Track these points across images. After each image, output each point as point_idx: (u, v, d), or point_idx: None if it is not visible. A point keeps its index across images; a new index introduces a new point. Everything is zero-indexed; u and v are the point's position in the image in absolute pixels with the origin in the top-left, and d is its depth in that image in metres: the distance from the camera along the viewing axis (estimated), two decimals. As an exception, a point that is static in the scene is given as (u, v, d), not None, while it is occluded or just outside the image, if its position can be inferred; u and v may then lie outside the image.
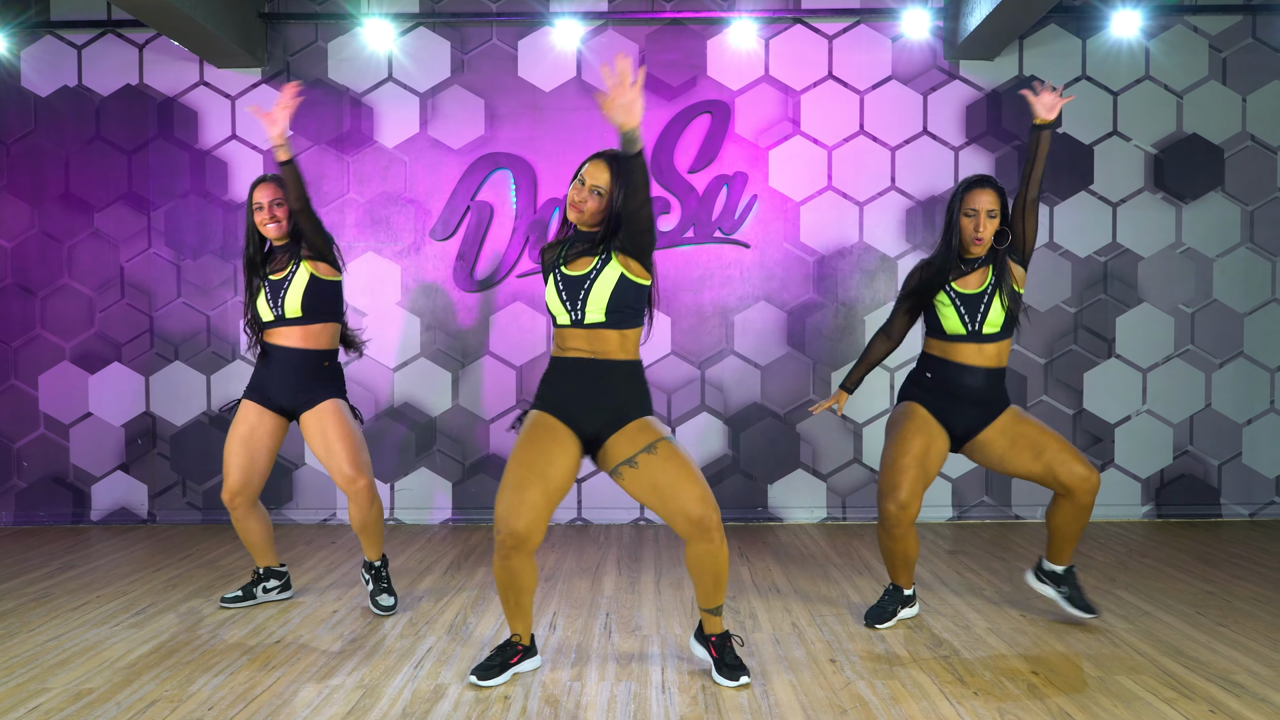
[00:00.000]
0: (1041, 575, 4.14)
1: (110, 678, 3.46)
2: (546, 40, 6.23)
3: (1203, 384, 6.26)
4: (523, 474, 3.27)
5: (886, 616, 4.03)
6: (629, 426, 3.37)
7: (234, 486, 4.25)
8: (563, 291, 3.36)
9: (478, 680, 3.37)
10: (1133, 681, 3.35)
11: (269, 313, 4.24)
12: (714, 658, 3.42)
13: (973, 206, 3.89)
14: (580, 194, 3.35)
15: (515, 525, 3.23)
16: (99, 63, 6.31)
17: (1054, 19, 6.16)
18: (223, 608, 4.33)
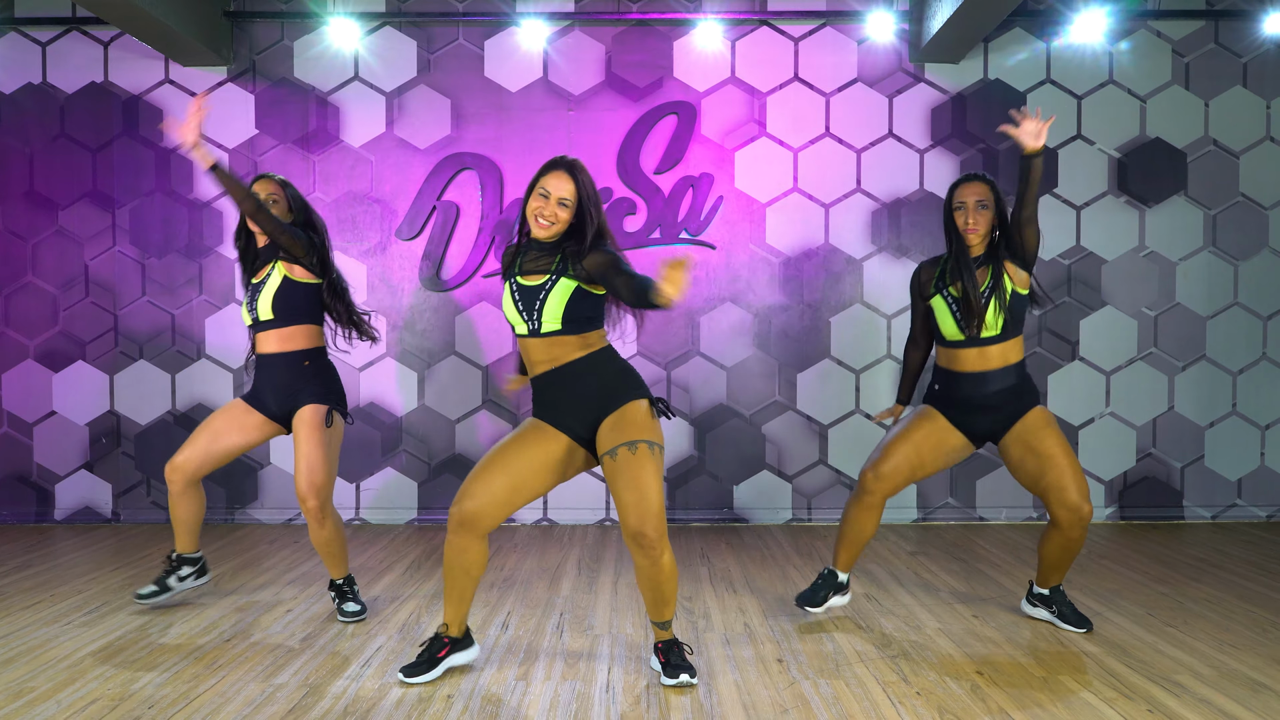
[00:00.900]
0: (1033, 600, 4.15)
1: (53, 676, 3.45)
2: (513, 40, 6.23)
3: (1165, 387, 6.29)
4: (491, 460, 3.34)
5: (818, 601, 4.05)
6: (617, 413, 3.34)
7: (177, 461, 4.20)
8: (519, 301, 3.37)
9: (404, 677, 3.38)
10: (1075, 681, 3.37)
11: (247, 317, 4.23)
12: (661, 662, 3.43)
13: (960, 200, 3.93)
14: (547, 207, 3.32)
15: (465, 504, 3.31)
16: (63, 60, 6.29)
17: (1018, 22, 6.19)
18: (138, 602, 4.24)
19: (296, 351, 4.21)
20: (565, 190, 3.33)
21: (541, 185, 3.35)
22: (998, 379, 3.93)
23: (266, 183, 4.25)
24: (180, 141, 3.81)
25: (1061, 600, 4.05)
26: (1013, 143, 6.19)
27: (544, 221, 3.34)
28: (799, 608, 4.06)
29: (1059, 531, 3.88)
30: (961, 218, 3.92)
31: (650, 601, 3.41)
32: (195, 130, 3.88)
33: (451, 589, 3.45)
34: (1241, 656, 3.64)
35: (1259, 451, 6.31)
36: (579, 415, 3.37)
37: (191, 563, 4.40)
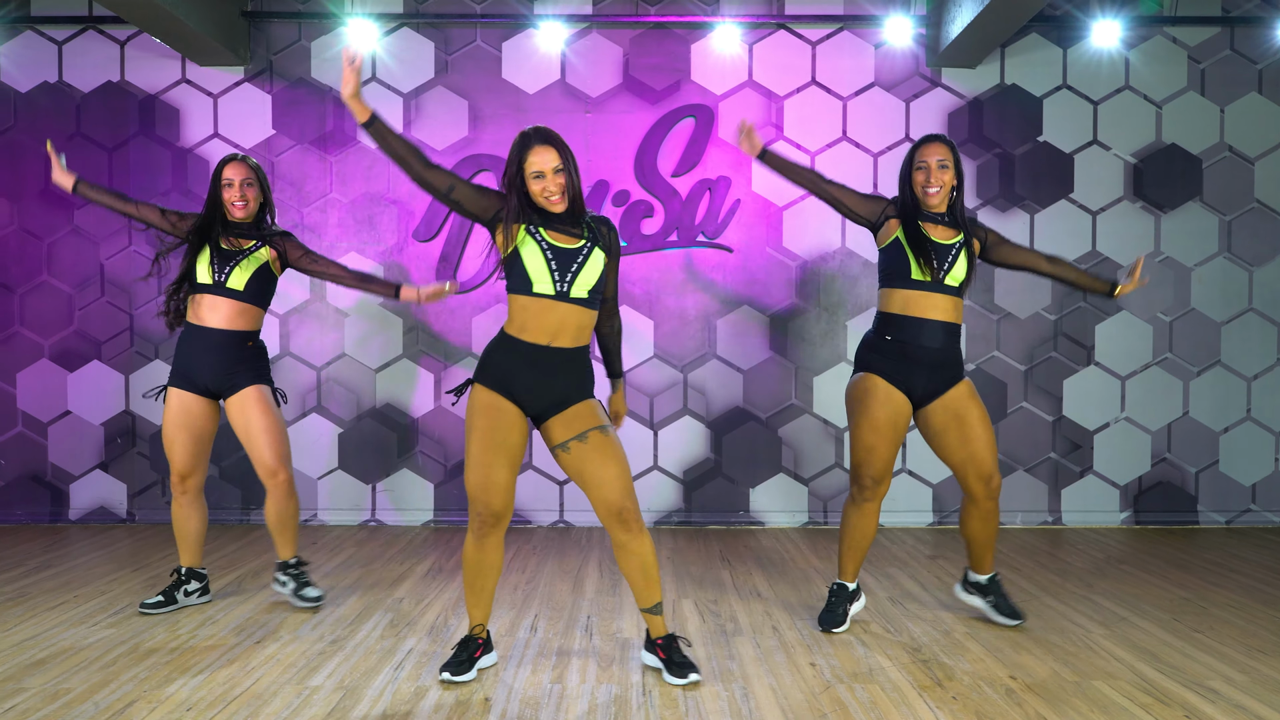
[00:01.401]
0: (968, 587, 4.20)
1: (88, 678, 3.44)
2: (530, 42, 6.23)
3: (1180, 392, 6.32)
4: (487, 456, 3.33)
5: (839, 620, 4.02)
6: (568, 410, 3.41)
7: (183, 469, 4.22)
8: (552, 260, 3.33)
9: (451, 676, 3.39)
10: (1109, 687, 3.38)
11: (208, 277, 4.18)
12: (662, 659, 3.45)
13: (923, 159, 3.94)
14: (551, 183, 3.30)
15: (492, 503, 3.33)
16: (80, 59, 6.28)
17: (1035, 28, 6.21)
18: (143, 614, 4.21)
19: (243, 331, 4.27)
20: (554, 161, 3.31)
21: (533, 168, 3.30)
22: (947, 333, 3.94)
23: (241, 166, 4.24)
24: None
25: (998, 590, 4.13)
26: (1030, 146, 6.22)
27: (556, 197, 3.33)
28: (824, 631, 4.00)
29: (975, 505, 4.02)
30: (922, 176, 3.92)
31: (640, 585, 3.44)
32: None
33: (482, 589, 3.48)
34: (1271, 662, 3.65)
35: (1273, 457, 6.34)
36: (536, 399, 3.39)
37: (198, 577, 4.41)
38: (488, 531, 3.37)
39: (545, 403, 3.41)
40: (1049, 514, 6.30)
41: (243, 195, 4.23)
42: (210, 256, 4.21)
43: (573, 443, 3.37)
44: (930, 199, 3.93)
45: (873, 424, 3.94)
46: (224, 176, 4.23)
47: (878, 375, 3.97)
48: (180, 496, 4.28)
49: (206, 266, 4.20)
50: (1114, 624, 4.12)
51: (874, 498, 4.00)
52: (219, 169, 4.25)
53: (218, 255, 4.21)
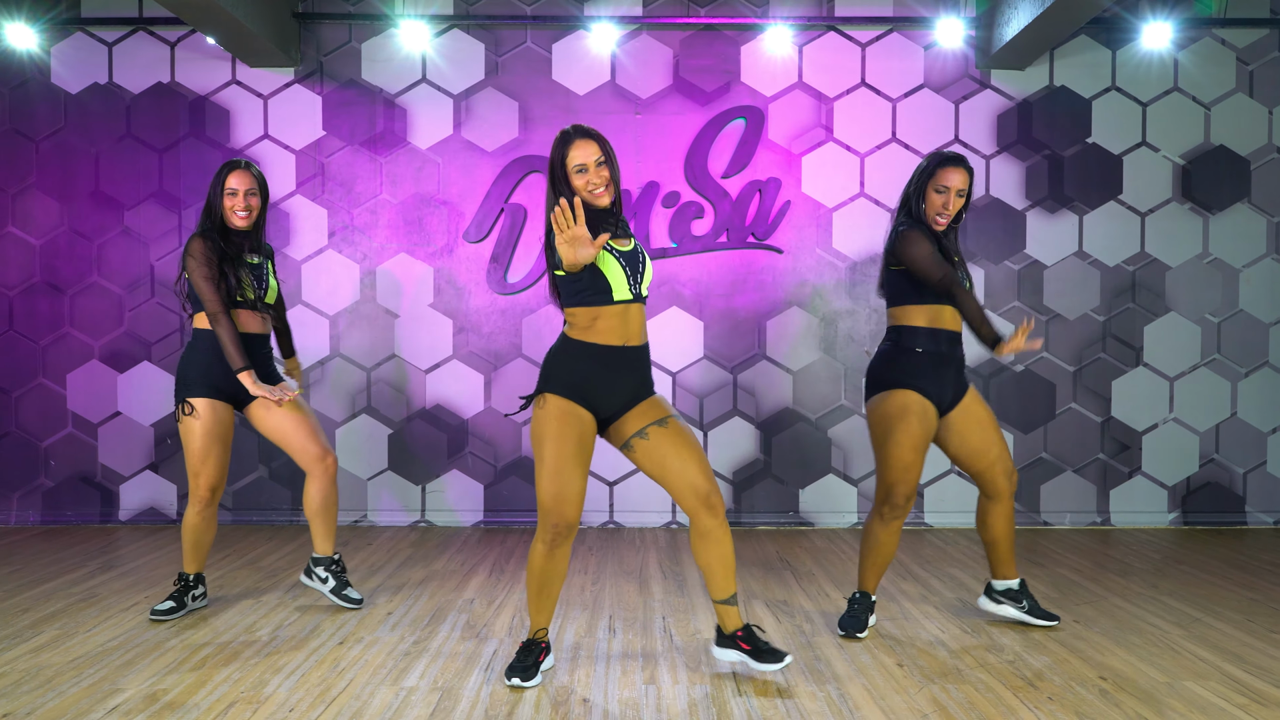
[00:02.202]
0: (996, 597, 4.16)
1: (181, 679, 3.45)
2: (581, 44, 6.24)
3: (1228, 393, 6.33)
4: (563, 464, 3.30)
5: (863, 626, 3.99)
6: (639, 405, 3.44)
7: (214, 482, 4.19)
8: (626, 266, 3.35)
9: (521, 681, 3.38)
10: (1201, 688, 3.39)
11: (251, 293, 4.20)
12: (746, 650, 3.43)
13: (944, 183, 3.87)
14: (595, 175, 3.30)
15: (568, 514, 3.31)
16: (130, 60, 6.28)
17: (1085, 30, 6.22)
18: (154, 621, 4.15)
19: (267, 335, 4.35)
20: (595, 153, 3.32)
21: (575, 161, 3.30)
22: (960, 339, 3.99)
23: (245, 175, 4.19)
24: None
25: (1028, 594, 4.11)
26: (1079, 148, 6.24)
27: (600, 190, 3.33)
28: (844, 634, 3.97)
29: (999, 504, 4.04)
30: (941, 200, 3.87)
31: (719, 575, 3.42)
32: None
33: (549, 596, 3.46)
34: (1355, 662, 3.67)
35: (1321, 457, 6.36)
36: (610, 401, 3.40)
37: (202, 582, 4.39)
38: (561, 542, 3.35)
39: (619, 403, 3.41)
40: (1097, 514, 6.31)
41: (246, 204, 4.18)
42: (248, 274, 4.21)
43: (651, 428, 3.38)
44: (940, 224, 3.90)
45: (913, 442, 3.88)
46: (228, 185, 4.16)
47: (913, 391, 3.91)
48: (205, 509, 4.22)
49: (246, 282, 4.20)
50: (1189, 624, 4.14)
51: (903, 515, 3.98)
52: (222, 175, 4.17)
53: (251, 272, 4.22)
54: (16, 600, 4.48)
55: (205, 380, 4.19)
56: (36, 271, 6.27)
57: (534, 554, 3.40)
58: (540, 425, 3.36)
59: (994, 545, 4.11)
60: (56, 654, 3.71)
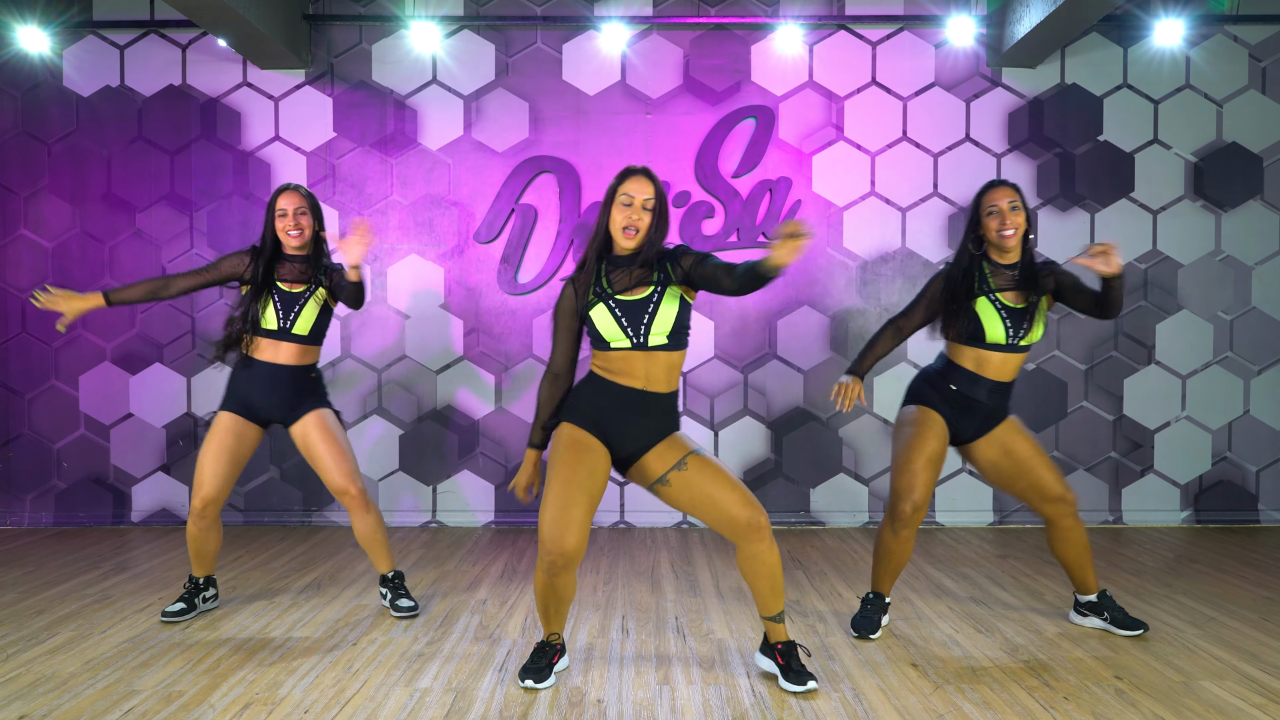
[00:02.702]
0: (1081, 610, 4.15)
1: (196, 680, 3.46)
2: (591, 44, 6.24)
3: (1241, 390, 6.31)
4: (568, 492, 3.26)
5: (875, 626, 3.98)
6: (657, 446, 3.41)
7: (209, 495, 4.14)
8: (621, 318, 3.33)
9: (534, 683, 3.38)
10: (1218, 687, 3.38)
11: (274, 323, 4.19)
12: (780, 664, 3.43)
13: (993, 204, 3.88)
14: (634, 213, 3.34)
15: (566, 545, 3.23)
16: (141, 63, 6.30)
17: (1096, 28, 6.20)
18: (165, 623, 4.16)
19: (308, 365, 4.31)
20: (648, 192, 3.35)
21: (624, 193, 3.35)
22: (1007, 391, 4.00)
23: (294, 195, 4.22)
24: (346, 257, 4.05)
25: (1111, 605, 4.06)
26: (1090, 146, 6.22)
27: (631, 230, 3.35)
28: (857, 635, 3.96)
29: (1054, 527, 4.00)
30: (996, 222, 3.87)
31: (767, 591, 3.39)
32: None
33: (557, 613, 3.44)
34: (1372, 662, 3.65)
35: (1335, 455, 6.34)
36: (626, 440, 3.39)
37: (213, 584, 4.40)
38: (559, 573, 3.29)
39: (637, 445, 3.40)
40: (1109, 513, 6.29)
41: (297, 224, 4.19)
42: (273, 301, 4.19)
43: (671, 474, 3.36)
44: (1007, 242, 3.86)
45: (925, 454, 3.92)
46: (278, 207, 4.20)
47: (935, 412, 3.99)
48: (199, 520, 4.18)
49: (272, 312, 4.19)
50: (1204, 623, 4.12)
51: (911, 525, 3.96)
52: (274, 198, 4.23)
53: (280, 299, 4.20)
54: (31, 602, 4.49)
55: (235, 396, 4.23)
56: (49, 274, 6.28)
57: (535, 580, 3.37)
58: (552, 453, 3.37)
59: (1063, 565, 4.09)
60: (72, 655, 3.72)
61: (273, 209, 4.22)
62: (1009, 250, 3.90)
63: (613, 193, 3.38)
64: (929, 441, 3.93)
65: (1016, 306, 3.89)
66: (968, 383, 3.96)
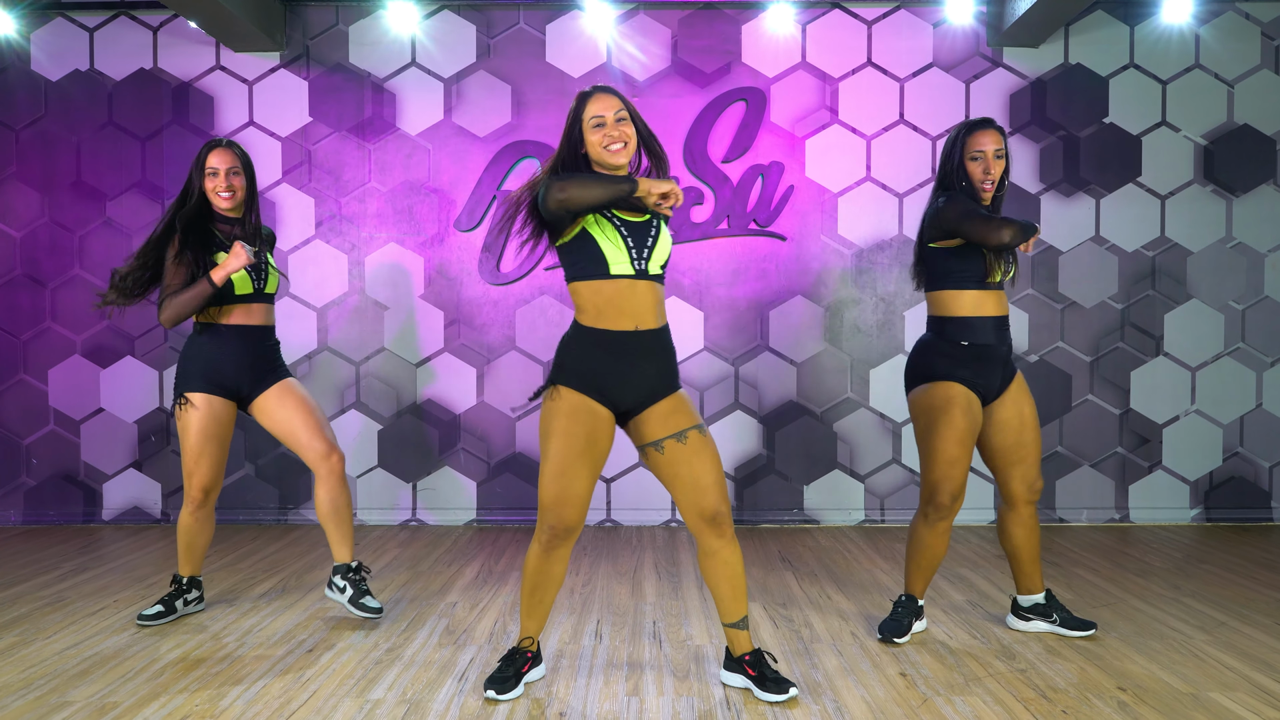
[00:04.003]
0: (1024, 614, 3.88)
1: (134, 690, 3.24)
2: (576, 25, 6.01)
3: (1253, 383, 6.05)
4: (569, 461, 3.05)
5: (903, 630, 3.75)
6: (661, 404, 3.16)
7: (208, 483, 3.94)
8: (628, 238, 3.08)
9: (496, 694, 3.15)
10: (1229, 699, 3.14)
11: (250, 286, 3.97)
12: (752, 676, 3.20)
13: (979, 148, 3.65)
14: (612, 129, 3.05)
15: (568, 516, 3.07)
16: (111, 46, 6.09)
17: (1102, 4, 5.95)
18: (141, 626, 3.94)
19: (271, 327, 4.12)
20: (616, 106, 3.09)
21: (592, 116, 3.07)
22: (1006, 326, 3.74)
23: (226, 153, 3.94)
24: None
25: (1058, 605, 3.83)
26: (1095, 128, 5.98)
27: (619, 144, 3.07)
28: (883, 639, 3.74)
29: (1016, 511, 3.77)
30: (979, 167, 3.65)
31: (729, 595, 3.18)
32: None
33: (541, 602, 3.23)
34: (1394, 671, 3.41)
35: (1352, 451, 6.08)
36: (637, 390, 3.14)
37: (198, 586, 4.18)
38: (558, 544, 3.11)
39: (638, 395, 3.14)
40: (1116, 511, 6.05)
41: (229, 184, 3.93)
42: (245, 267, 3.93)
43: (668, 442, 3.12)
44: (986, 189, 3.67)
45: (958, 436, 3.64)
46: (208, 165, 3.91)
47: (957, 383, 3.68)
48: (198, 510, 3.98)
49: (244, 275, 3.95)
50: (1214, 629, 3.88)
51: (950, 516, 3.70)
52: (202, 156, 3.93)
53: (251, 267, 3.98)
54: (-19, 605, 4.30)
55: (206, 375, 3.96)
56: (17, 264, 6.08)
57: (530, 555, 3.17)
58: (548, 419, 3.12)
59: (1013, 557, 3.84)
60: (9, 663, 3.52)
61: (202, 166, 3.92)
62: (986, 197, 3.70)
63: (577, 120, 3.10)
64: (956, 420, 3.63)
65: None
66: (975, 330, 3.67)
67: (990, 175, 3.65)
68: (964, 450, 3.65)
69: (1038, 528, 3.81)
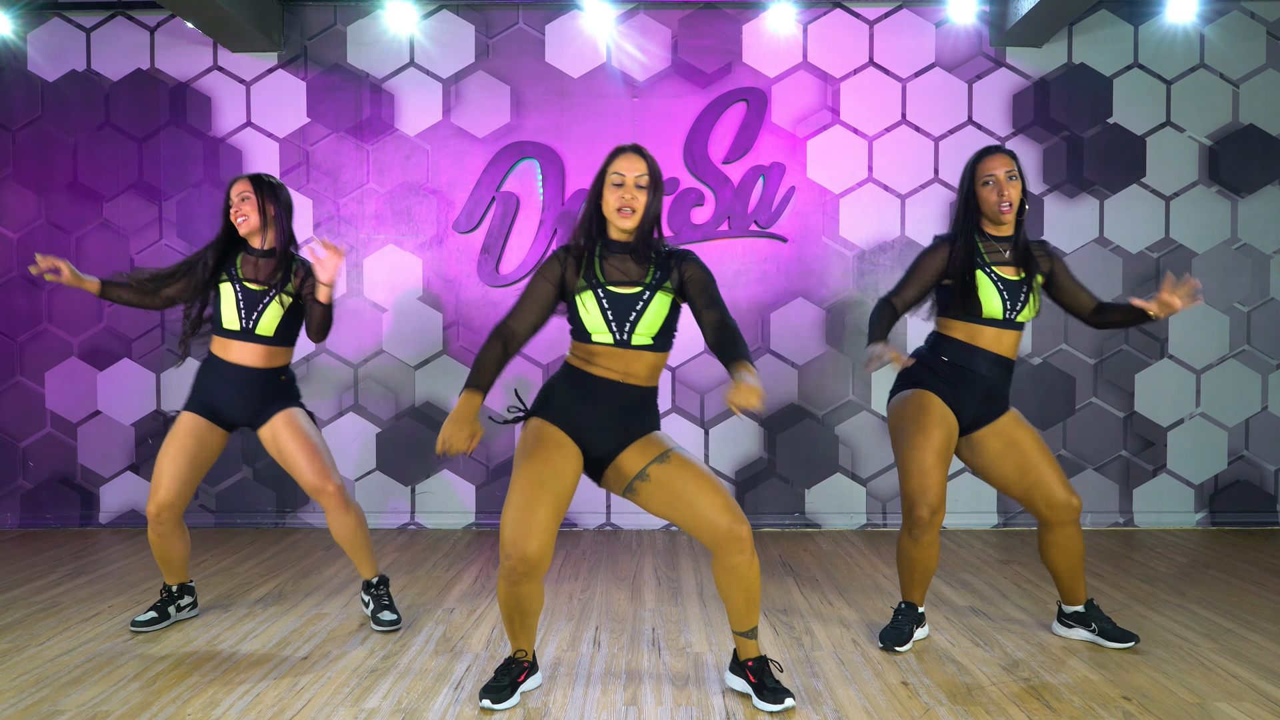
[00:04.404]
0: (1066, 620, 3.85)
1: (127, 698, 3.20)
2: (575, 25, 5.97)
3: (1259, 386, 6.00)
4: (533, 492, 2.99)
5: (905, 638, 3.72)
6: (636, 444, 3.15)
7: (165, 500, 3.86)
8: (609, 310, 3.08)
9: (491, 704, 3.10)
10: (1235, 709, 3.09)
11: (236, 323, 3.93)
12: (752, 683, 3.16)
13: (989, 173, 3.63)
14: (627, 193, 3.08)
15: (527, 549, 2.95)
16: (108, 46, 6.05)
17: (1106, 4, 5.91)
18: (135, 633, 3.91)
19: (277, 368, 4.04)
20: (640, 169, 3.09)
21: (614, 172, 3.10)
22: (1004, 368, 3.69)
23: (241, 182, 3.97)
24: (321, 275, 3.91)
25: (1099, 615, 3.77)
26: (1099, 129, 5.93)
27: (627, 210, 3.08)
28: (885, 648, 3.70)
29: (1050, 532, 3.69)
30: (993, 193, 3.62)
31: (742, 606, 3.14)
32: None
33: (524, 625, 3.17)
34: (1404, 680, 3.36)
35: (1358, 454, 6.02)
36: (602, 438, 3.13)
37: (189, 591, 4.14)
38: (519, 580, 3.01)
39: (612, 443, 3.13)
40: (1120, 515, 6.00)
41: (240, 210, 3.93)
42: (235, 298, 3.92)
43: (652, 467, 3.09)
44: (1004, 216, 3.63)
45: (931, 444, 3.61)
46: (230, 195, 3.98)
47: (932, 392, 3.68)
48: (156, 527, 3.90)
49: (233, 310, 3.92)
50: (1220, 636, 3.83)
51: (932, 529, 3.66)
52: (227, 188, 4.01)
53: (243, 297, 3.93)
54: (-26, 610, 4.26)
55: (199, 396, 3.98)
56: (14, 266, 6.05)
57: (499, 588, 3.09)
58: (520, 448, 3.11)
59: (1053, 575, 3.79)
60: (1, 670, 3.47)
61: (228, 198, 4.00)
62: (1004, 223, 3.67)
63: (603, 173, 3.13)
64: (932, 432, 3.61)
65: (1013, 279, 3.65)
66: (962, 353, 3.66)
67: (1006, 197, 3.61)
68: (939, 460, 3.62)
69: (1076, 547, 3.69)
